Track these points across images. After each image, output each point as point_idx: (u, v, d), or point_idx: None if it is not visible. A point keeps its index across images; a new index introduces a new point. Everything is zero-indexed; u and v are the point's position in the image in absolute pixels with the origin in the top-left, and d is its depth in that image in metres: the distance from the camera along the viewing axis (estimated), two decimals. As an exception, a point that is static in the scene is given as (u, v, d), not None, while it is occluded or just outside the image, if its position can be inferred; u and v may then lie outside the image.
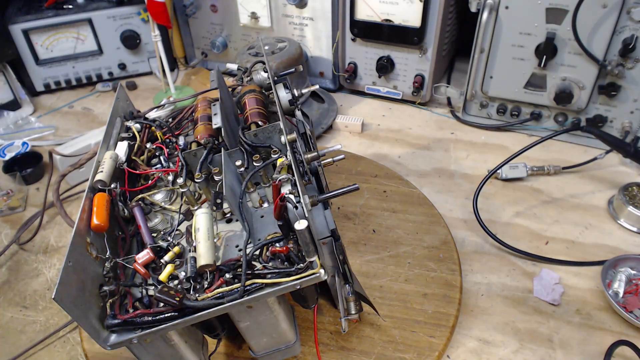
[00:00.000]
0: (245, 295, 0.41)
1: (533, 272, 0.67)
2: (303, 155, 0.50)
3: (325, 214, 0.49)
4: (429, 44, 0.94)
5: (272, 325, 0.49)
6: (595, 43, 0.79)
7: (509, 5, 0.82)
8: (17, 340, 0.63)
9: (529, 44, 0.84)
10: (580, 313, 0.62)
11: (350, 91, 1.10)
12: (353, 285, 0.53)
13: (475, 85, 0.92)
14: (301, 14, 1.03)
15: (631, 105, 0.83)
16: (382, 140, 0.95)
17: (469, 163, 0.88)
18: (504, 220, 0.76)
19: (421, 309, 0.62)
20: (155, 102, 1.10)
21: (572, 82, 0.84)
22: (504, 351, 0.58)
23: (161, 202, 0.53)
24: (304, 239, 0.40)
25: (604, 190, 0.80)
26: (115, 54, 1.16)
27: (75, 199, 0.84)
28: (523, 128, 0.94)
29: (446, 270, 0.66)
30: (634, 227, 0.73)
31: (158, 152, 0.56)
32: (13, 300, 0.68)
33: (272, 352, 0.52)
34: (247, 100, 0.57)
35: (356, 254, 0.69)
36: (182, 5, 1.13)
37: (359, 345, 0.58)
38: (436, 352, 0.57)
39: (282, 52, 0.95)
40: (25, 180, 0.88)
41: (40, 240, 0.77)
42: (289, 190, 0.44)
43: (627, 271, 0.64)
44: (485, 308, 0.63)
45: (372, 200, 0.78)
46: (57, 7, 1.10)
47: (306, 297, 0.52)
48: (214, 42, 1.14)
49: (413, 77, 1.00)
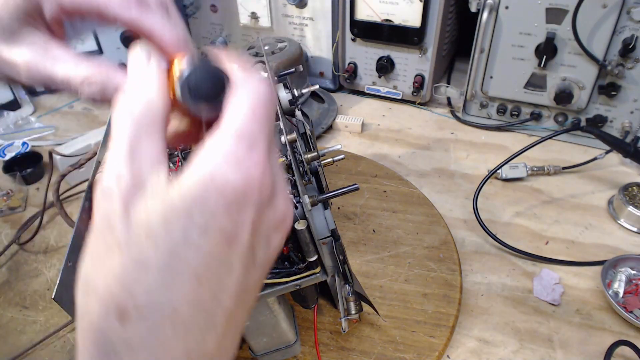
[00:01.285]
0: (245, 295, 0.41)
1: (533, 272, 0.67)
2: (303, 155, 0.50)
3: (325, 214, 0.49)
4: (429, 44, 0.94)
5: (272, 325, 0.49)
6: (595, 43, 0.79)
7: (509, 5, 0.82)
8: (17, 340, 0.62)
9: (529, 44, 0.84)
10: (580, 313, 0.62)
11: (350, 91, 1.10)
12: (353, 285, 0.53)
13: (475, 85, 0.92)
14: (301, 14, 1.03)
15: (631, 105, 0.83)
16: (382, 140, 0.95)
17: (469, 163, 0.88)
18: (504, 220, 0.76)
19: (421, 309, 0.62)
20: (155, 102, 1.10)
21: (572, 82, 0.84)
22: (504, 351, 0.58)
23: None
24: (303, 239, 0.40)
25: (604, 190, 0.80)
26: (116, 54, 1.16)
27: (75, 199, 0.84)
28: (523, 128, 0.94)
29: (446, 270, 0.66)
30: (634, 227, 0.73)
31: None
32: (13, 300, 0.68)
33: (272, 352, 0.52)
34: (247, 100, 0.57)
35: (356, 254, 0.69)
36: (182, 5, 1.13)
37: (359, 345, 0.58)
38: (436, 352, 0.57)
39: (282, 52, 0.95)
40: (25, 180, 0.88)
41: (40, 240, 0.77)
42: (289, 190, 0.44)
43: (627, 271, 0.65)
44: (485, 308, 0.63)
45: (372, 200, 0.78)
46: (57, 7, 1.10)
47: (306, 297, 0.52)
48: (214, 42, 1.14)
49: (413, 77, 1.00)
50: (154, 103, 0.25)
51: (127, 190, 0.23)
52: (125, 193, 0.23)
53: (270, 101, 0.26)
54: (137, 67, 0.27)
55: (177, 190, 0.23)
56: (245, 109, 0.24)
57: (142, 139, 0.24)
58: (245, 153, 0.23)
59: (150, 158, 0.24)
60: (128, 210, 0.23)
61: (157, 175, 0.24)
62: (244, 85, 0.25)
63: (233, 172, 0.23)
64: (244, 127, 0.24)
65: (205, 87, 0.25)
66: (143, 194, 0.23)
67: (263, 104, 0.25)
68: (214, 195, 0.23)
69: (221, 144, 0.24)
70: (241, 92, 0.25)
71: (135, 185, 0.23)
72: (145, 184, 0.24)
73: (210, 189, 0.23)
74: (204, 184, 0.23)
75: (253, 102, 0.25)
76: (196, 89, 0.25)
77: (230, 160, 0.23)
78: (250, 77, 0.26)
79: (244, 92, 0.25)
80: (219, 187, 0.23)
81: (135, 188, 0.23)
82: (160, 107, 0.25)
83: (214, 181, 0.23)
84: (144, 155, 0.24)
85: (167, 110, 0.26)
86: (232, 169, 0.23)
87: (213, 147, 0.24)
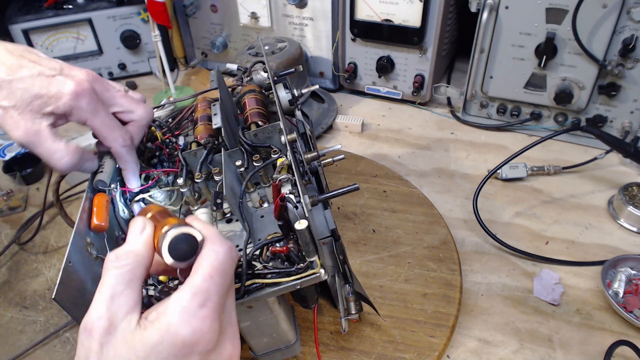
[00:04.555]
0: (246, 295, 0.41)
1: (533, 272, 0.67)
2: (303, 155, 0.50)
3: (325, 214, 0.49)
4: (429, 44, 0.94)
5: (272, 325, 0.49)
6: (595, 43, 0.79)
7: (509, 5, 0.82)
8: (17, 340, 0.62)
9: (529, 44, 0.84)
10: (580, 313, 0.62)
11: (350, 91, 1.10)
12: (353, 285, 0.53)
13: (475, 85, 0.92)
14: (301, 14, 1.03)
15: (631, 105, 0.83)
16: (382, 140, 0.95)
17: (469, 163, 0.88)
18: (504, 220, 0.76)
19: (421, 308, 0.62)
20: (155, 102, 1.10)
21: (572, 82, 0.84)
22: (504, 351, 0.58)
23: (161, 203, 0.53)
24: (304, 239, 0.40)
25: (604, 190, 0.80)
26: (115, 54, 1.16)
27: (75, 199, 0.84)
28: (523, 128, 0.94)
29: (446, 270, 0.66)
30: (634, 227, 0.73)
31: (158, 152, 0.56)
32: (13, 300, 0.68)
33: (273, 352, 0.52)
34: (247, 100, 0.57)
35: (356, 254, 0.69)
36: (182, 5, 1.13)
37: (359, 345, 0.58)
38: (436, 351, 0.57)
39: (282, 52, 0.95)
40: (25, 180, 0.88)
41: (40, 240, 0.77)
42: (289, 190, 0.44)
43: (627, 271, 0.65)
44: (485, 308, 0.63)
45: (372, 200, 0.78)
46: (57, 7, 1.10)
47: (306, 297, 0.52)
48: (214, 42, 1.14)
49: (413, 77, 1.00)
50: (139, 263, 0.33)
51: (104, 330, 0.30)
52: (101, 332, 0.30)
53: (227, 262, 0.33)
54: (134, 233, 0.35)
55: (139, 337, 0.30)
56: (204, 270, 0.31)
57: (122, 289, 0.31)
58: (197, 309, 0.30)
59: (125, 306, 0.31)
60: (102, 349, 0.30)
61: (128, 322, 0.31)
62: (207, 251, 0.32)
63: (184, 326, 0.30)
64: (199, 287, 0.31)
65: (181, 252, 0.32)
66: (115, 336, 0.30)
67: (220, 266, 0.32)
68: (167, 345, 0.30)
69: (179, 299, 0.31)
70: (204, 255, 0.32)
71: (110, 326, 0.30)
72: (117, 327, 0.30)
73: (165, 340, 0.30)
74: (160, 335, 0.30)
75: (212, 265, 0.32)
76: (174, 253, 0.32)
77: (184, 315, 0.30)
78: (213, 244, 0.33)
79: (206, 256, 0.32)
80: (172, 338, 0.30)
81: (110, 329, 0.30)
82: (142, 265, 0.33)
83: (169, 332, 0.30)
84: (121, 303, 0.31)
85: (149, 267, 0.34)
86: (183, 323, 0.30)
87: (173, 302, 0.31)
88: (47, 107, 0.44)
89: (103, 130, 0.48)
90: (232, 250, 0.33)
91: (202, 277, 0.31)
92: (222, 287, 0.32)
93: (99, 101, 0.47)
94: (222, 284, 0.32)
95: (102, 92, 0.47)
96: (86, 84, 0.45)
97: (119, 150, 0.49)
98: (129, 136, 0.49)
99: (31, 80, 0.44)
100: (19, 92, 0.43)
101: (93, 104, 0.46)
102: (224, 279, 0.32)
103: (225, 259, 0.33)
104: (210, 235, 0.34)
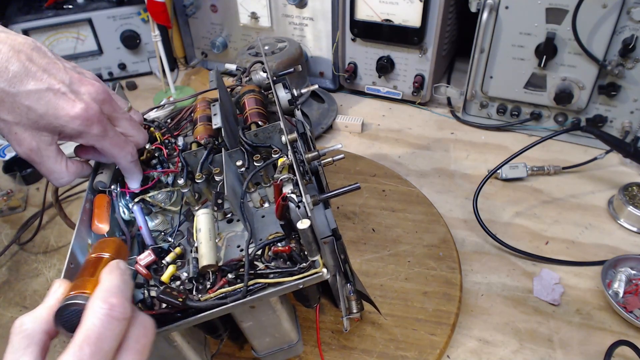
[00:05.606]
0: (248, 295, 0.41)
1: (533, 272, 0.67)
2: (304, 155, 0.50)
3: (326, 214, 0.49)
4: (429, 44, 0.94)
5: (274, 325, 0.49)
6: (595, 43, 0.79)
7: (509, 5, 0.82)
8: (18, 340, 0.62)
9: (529, 44, 0.84)
10: (580, 313, 0.62)
11: (350, 91, 1.10)
12: (354, 284, 0.53)
13: (475, 85, 0.93)
14: (301, 14, 1.03)
15: (631, 105, 0.83)
16: (382, 140, 0.95)
17: (469, 163, 0.88)
18: (504, 220, 0.76)
19: (422, 307, 0.62)
20: (155, 102, 1.10)
21: (572, 82, 0.84)
22: (504, 351, 0.58)
23: (161, 203, 0.53)
24: (306, 238, 0.40)
25: (604, 190, 0.80)
26: (115, 54, 1.16)
27: (75, 199, 0.84)
28: (523, 128, 0.94)
29: (446, 268, 0.66)
30: (634, 227, 0.73)
31: (157, 153, 0.56)
32: (13, 300, 0.68)
33: (275, 351, 0.53)
34: (247, 101, 0.57)
35: (356, 253, 0.70)
36: (182, 5, 1.13)
37: (360, 344, 0.58)
38: (437, 349, 0.57)
39: (282, 52, 0.95)
40: (25, 180, 0.88)
41: (40, 240, 0.77)
42: (290, 189, 0.44)
43: (627, 271, 0.65)
44: (485, 308, 0.63)
45: (371, 200, 0.78)
46: (57, 7, 1.10)
47: (308, 296, 0.52)
48: (214, 42, 1.14)
49: (413, 77, 1.00)
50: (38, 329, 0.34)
51: None
52: None
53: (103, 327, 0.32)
54: (48, 296, 0.36)
55: None
56: (75, 341, 0.32)
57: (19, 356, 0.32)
58: None
59: None
60: None
61: None
62: (84, 318, 0.33)
63: None
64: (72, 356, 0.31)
65: (69, 324, 0.34)
66: None
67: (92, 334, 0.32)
68: None
69: None
70: (81, 322, 0.33)
71: None
72: None
73: None
74: None
75: (83, 334, 0.32)
76: (65, 325, 0.34)
77: None
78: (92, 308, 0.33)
79: (82, 323, 0.32)
80: None
81: None
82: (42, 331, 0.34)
83: None
84: None
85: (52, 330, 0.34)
86: None
87: None
88: (53, 128, 0.43)
89: (112, 150, 0.47)
90: (114, 309, 0.33)
91: (73, 350, 0.31)
92: (96, 356, 0.32)
93: (107, 123, 0.46)
94: (95, 352, 0.31)
95: (110, 113, 0.46)
96: (95, 108, 0.44)
97: (127, 166, 0.49)
98: (135, 150, 0.50)
99: (37, 97, 0.41)
100: (24, 110, 0.41)
101: (102, 128, 0.45)
102: (97, 346, 0.32)
103: (101, 324, 0.32)
104: (95, 295, 0.34)
